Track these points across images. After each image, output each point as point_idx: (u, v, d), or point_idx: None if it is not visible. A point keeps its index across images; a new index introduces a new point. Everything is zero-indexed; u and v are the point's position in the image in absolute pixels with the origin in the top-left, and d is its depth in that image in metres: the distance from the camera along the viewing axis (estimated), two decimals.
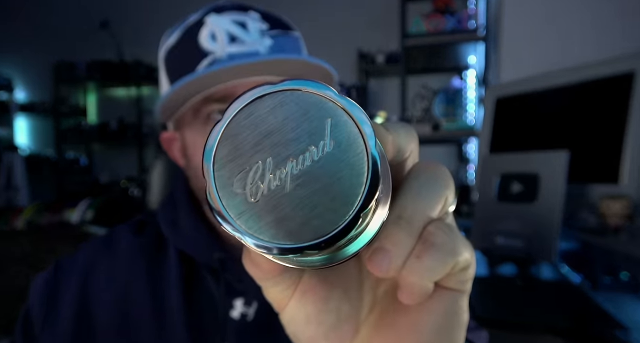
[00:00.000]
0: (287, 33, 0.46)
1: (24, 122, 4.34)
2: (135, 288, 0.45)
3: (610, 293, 0.99)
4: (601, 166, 1.13)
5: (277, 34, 0.44)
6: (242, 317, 0.43)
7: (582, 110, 1.23)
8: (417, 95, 2.10)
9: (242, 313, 0.43)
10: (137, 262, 0.46)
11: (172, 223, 0.47)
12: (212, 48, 0.41)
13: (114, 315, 0.44)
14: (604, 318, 0.79)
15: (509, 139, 1.43)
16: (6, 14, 4.25)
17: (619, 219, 1.02)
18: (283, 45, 0.43)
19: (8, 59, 4.25)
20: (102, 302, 0.44)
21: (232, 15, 0.42)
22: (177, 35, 0.45)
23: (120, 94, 4.03)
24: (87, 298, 0.44)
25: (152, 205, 0.79)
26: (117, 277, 0.45)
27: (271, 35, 0.43)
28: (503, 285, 1.04)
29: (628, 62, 1.10)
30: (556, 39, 1.47)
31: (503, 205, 1.19)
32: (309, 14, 3.69)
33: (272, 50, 0.42)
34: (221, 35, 0.41)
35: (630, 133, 1.06)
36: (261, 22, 0.43)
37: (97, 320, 0.43)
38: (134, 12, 3.96)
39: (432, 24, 1.94)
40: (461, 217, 1.79)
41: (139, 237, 0.48)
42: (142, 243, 0.47)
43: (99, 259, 0.47)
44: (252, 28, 0.42)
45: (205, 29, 0.42)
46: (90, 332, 0.43)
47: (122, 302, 0.44)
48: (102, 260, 0.47)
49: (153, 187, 0.79)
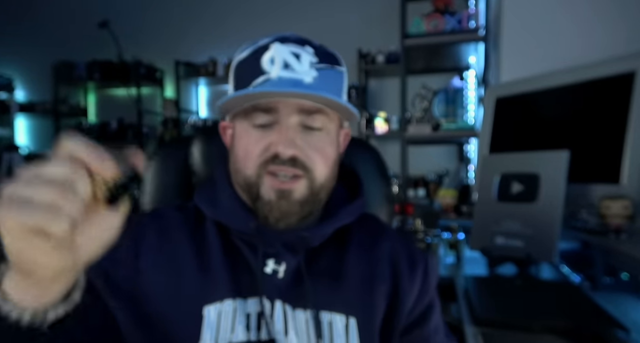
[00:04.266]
0: (334, 67, 0.54)
1: (24, 122, 4.34)
2: (181, 249, 0.54)
3: (610, 294, 0.99)
4: (602, 166, 1.13)
5: (323, 68, 0.52)
6: (274, 273, 0.53)
7: (582, 110, 1.23)
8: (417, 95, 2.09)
9: (273, 269, 0.53)
10: (182, 229, 0.56)
11: (211, 201, 0.56)
12: (269, 69, 0.51)
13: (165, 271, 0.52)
14: (604, 318, 0.79)
15: (509, 139, 1.43)
16: (6, 14, 4.25)
17: (619, 219, 1.02)
18: (326, 77, 0.52)
19: (8, 59, 4.24)
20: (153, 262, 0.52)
21: (291, 47, 0.51)
22: (247, 52, 0.54)
23: (120, 94, 4.02)
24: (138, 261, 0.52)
25: (145, 205, 0.78)
26: (166, 239, 0.55)
27: (318, 68, 0.52)
28: (503, 285, 1.04)
29: (629, 62, 1.10)
30: (556, 39, 1.47)
31: (503, 205, 1.19)
32: (309, 14, 3.69)
33: (314, 81, 0.51)
34: (278, 61, 0.51)
35: (630, 133, 1.06)
36: (313, 56, 0.52)
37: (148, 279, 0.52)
38: (134, 12, 3.96)
39: (432, 24, 1.94)
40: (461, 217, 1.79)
41: (181, 212, 0.58)
42: (184, 217, 0.57)
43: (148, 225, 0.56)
44: (304, 60, 0.51)
45: (268, 54, 0.51)
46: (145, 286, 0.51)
47: (172, 261, 0.53)
48: (151, 225, 0.56)
49: (146, 188, 0.78)
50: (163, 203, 0.77)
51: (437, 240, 1.44)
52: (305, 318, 0.51)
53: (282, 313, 0.51)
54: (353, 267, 0.56)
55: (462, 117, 2.01)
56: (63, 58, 4.00)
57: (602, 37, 1.37)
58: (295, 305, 0.52)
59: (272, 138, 0.51)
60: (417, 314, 0.58)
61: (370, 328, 0.53)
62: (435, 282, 0.62)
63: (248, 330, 0.50)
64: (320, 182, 0.53)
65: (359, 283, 0.55)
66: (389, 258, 0.58)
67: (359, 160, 0.78)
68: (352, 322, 0.52)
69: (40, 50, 4.16)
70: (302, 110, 0.52)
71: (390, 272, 0.57)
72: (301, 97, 0.50)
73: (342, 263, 0.56)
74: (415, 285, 0.57)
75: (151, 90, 3.92)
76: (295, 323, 0.51)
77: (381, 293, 0.55)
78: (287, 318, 0.51)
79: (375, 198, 0.78)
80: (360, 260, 0.57)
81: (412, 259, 0.59)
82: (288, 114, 0.51)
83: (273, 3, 3.73)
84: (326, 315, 0.52)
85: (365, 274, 0.56)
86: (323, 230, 0.55)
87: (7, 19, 4.26)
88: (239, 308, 0.51)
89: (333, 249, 0.57)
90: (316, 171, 0.52)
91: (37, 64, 4.15)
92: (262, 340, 0.50)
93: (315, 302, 0.52)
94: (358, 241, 0.59)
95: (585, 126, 1.20)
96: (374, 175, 0.79)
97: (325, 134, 0.54)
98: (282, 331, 0.50)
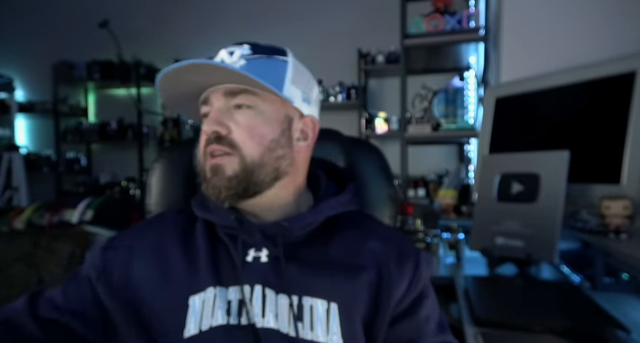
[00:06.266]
0: (271, 57, 0.58)
1: (24, 122, 4.33)
2: (172, 247, 0.58)
3: (610, 294, 0.99)
4: (602, 166, 1.12)
5: (255, 58, 0.57)
6: (255, 259, 0.56)
7: (582, 110, 1.22)
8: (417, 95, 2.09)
9: (254, 257, 0.56)
10: (176, 228, 0.61)
11: (202, 202, 0.62)
12: None
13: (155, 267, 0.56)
14: (604, 319, 0.79)
15: (509, 139, 1.43)
16: (6, 14, 4.25)
17: (619, 219, 1.02)
18: (256, 65, 0.56)
19: (8, 59, 4.24)
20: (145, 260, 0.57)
21: (230, 48, 0.58)
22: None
23: (120, 94, 4.02)
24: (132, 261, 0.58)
25: (151, 207, 0.79)
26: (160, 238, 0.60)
27: (248, 59, 0.56)
28: (503, 285, 1.04)
29: (629, 62, 1.10)
30: (556, 39, 1.47)
31: (503, 205, 1.19)
32: (310, 14, 3.69)
33: (240, 67, 0.55)
34: (217, 60, 0.57)
35: (631, 133, 1.06)
36: (247, 50, 0.57)
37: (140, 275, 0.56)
38: (134, 12, 3.96)
39: (432, 24, 1.94)
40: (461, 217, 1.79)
41: (179, 214, 0.64)
42: (180, 218, 0.63)
43: (149, 227, 0.62)
44: (236, 54, 0.57)
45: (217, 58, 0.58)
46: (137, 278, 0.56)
47: (163, 257, 0.57)
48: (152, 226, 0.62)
49: (152, 190, 0.79)
50: (168, 204, 0.78)
51: (437, 240, 1.44)
52: (289, 303, 0.53)
53: (260, 297, 0.53)
54: (338, 257, 0.58)
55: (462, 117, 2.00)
56: (63, 58, 4.00)
57: (602, 37, 1.37)
58: (279, 290, 0.54)
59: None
60: (407, 304, 0.58)
61: (351, 314, 0.54)
62: (429, 275, 0.62)
63: (228, 314, 0.53)
64: (252, 159, 0.55)
65: (343, 272, 0.56)
66: (375, 252, 0.59)
67: (363, 162, 0.79)
68: (333, 306, 0.54)
69: (40, 50, 4.15)
70: (227, 92, 0.56)
71: (376, 265, 0.58)
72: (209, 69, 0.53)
73: (327, 253, 0.58)
74: (405, 277, 0.58)
75: (151, 90, 3.92)
76: (276, 307, 0.53)
77: (364, 283, 0.56)
78: (265, 302, 0.53)
79: (379, 198, 0.78)
80: (346, 252, 0.58)
81: (402, 253, 0.60)
82: (217, 99, 0.57)
83: (273, 3, 3.73)
84: (308, 300, 0.54)
85: (349, 264, 0.57)
86: (303, 220, 0.58)
87: (7, 19, 4.25)
88: (219, 295, 0.54)
89: (320, 240, 0.59)
90: (245, 148, 0.55)
91: (37, 64, 4.15)
92: (242, 324, 0.52)
93: (296, 287, 0.54)
94: (346, 234, 0.60)
95: (586, 126, 1.20)
96: (377, 175, 0.79)
97: (257, 113, 0.56)
98: (259, 314, 0.53)
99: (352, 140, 0.81)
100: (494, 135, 1.48)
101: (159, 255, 0.58)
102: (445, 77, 2.67)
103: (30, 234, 1.77)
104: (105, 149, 4.18)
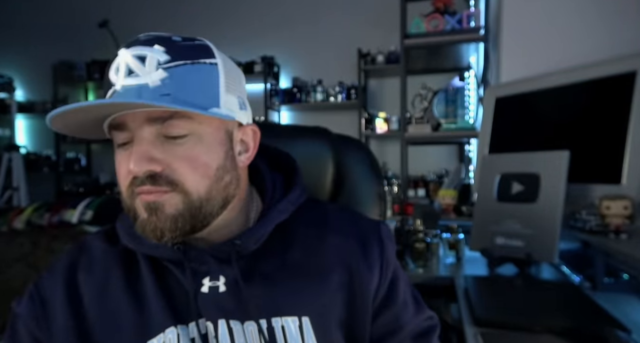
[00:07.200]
0: (196, 62, 0.47)
1: (23, 122, 4.34)
2: (112, 284, 0.51)
3: (610, 294, 0.99)
4: (602, 166, 1.12)
5: (177, 65, 0.45)
6: (212, 289, 0.50)
7: (582, 110, 1.22)
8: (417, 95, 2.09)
9: (210, 287, 0.50)
10: (114, 267, 0.52)
11: (133, 235, 0.51)
12: (114, 80, 0.45)
13: (98, 308, 0.50)
14: (604, 319, 0.79)
15: (509, 139, 1.43)
16: (6, 14, 4.25)
17: (619, 219, 1.02)
18: (181, 76, 0.45)
19: (8, 59, 4.25)
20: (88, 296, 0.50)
21: (137, 50, 0.45)
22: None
23: None
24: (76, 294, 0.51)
25: None
26: (97, 276, 0.52)
27: (167, 68, 0.45)
28: (503, 285, 1.04)
29: (629, 61, 1.10)
30: (556, 39, 1.47)
31: (503, 205, 1.19)
32: (310, 15, 3.69)
33: (162, 82, 0.44)
34: (122, 69, 0.45)
35: (631, 133, 1.06)
36: (163, 54, 0.45)
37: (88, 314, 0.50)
38: (134, 12, 3.96)
39: (432, 24, 1.93)
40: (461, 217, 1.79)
41: (112, 246, 0.54)
42: (116, 252, 0.54)
43: (79, 261, 0.53)
44: (148, 62, 0.44)
45: (114, 63, 0.46)
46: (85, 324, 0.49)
47: (104, 298, 0.50)
48: (81, 261, 0.53)
49: None
50: None
51: (437, 240, 1.44)
52: (258, 329, 0.48)
53: (226, 332, 0.48)
54: (299, 261, 0.53)
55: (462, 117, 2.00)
56: (63, 58, 4.00)
57: (602, 37, 1.37)
58: (244, 319, 0.49)
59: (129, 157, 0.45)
60: (383, 294, 0.55)
61: (326, 324, 0.51)
62: (394, 250, 0.58)
63: None
64: (198, 195, 0.46)
65: (308, 280, 0.52)
66: (338, 248, 0.55)
67: (352, 160, 0.79)
68: (305, 321, 0.50)
69: (40, 50, 4.16)
70: (152, 119, 0.44)
71: (341, 261, 0.54)
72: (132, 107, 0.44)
73: (286, 262, 0.53)
74: (374, 267, 0.54)
75: None
76: (246, 338, 0.48)
77: (334, 284, 0.52)
78: (233, 335, 0.48)
79: (368, 197, 0.78)
80: (306, 255, 0.54)
81: (365, 242, 0.56)
82: (139, 126, 0.45)
83: (273, 3, 3.73)
84: (277, 321, 0.49)
85: (313, 269, 0.53)
86: (255, 233, 0.51)
87: (8, 19, 4.25)
88: (181, 334, 0.48)
89: (276, 248, 0.54)
90: (187, 183, 0.45)
91: (37, 64, 4.15)
92: None
93: (262, 310, 0.49)
94: (301, 235, 0.55)
95: (586, 126, 1.20)
96: (367, 174, 0.79)
97: (196, 140, 0.46)
98: None
99: (341, 138, 0.81)
100: (494, 135, 1.48)
101: (100, 300, 0.50)
102: (445, 77, 2.67)
103: (30, 234, 1.76)
104: (105, 149, 4.18)
